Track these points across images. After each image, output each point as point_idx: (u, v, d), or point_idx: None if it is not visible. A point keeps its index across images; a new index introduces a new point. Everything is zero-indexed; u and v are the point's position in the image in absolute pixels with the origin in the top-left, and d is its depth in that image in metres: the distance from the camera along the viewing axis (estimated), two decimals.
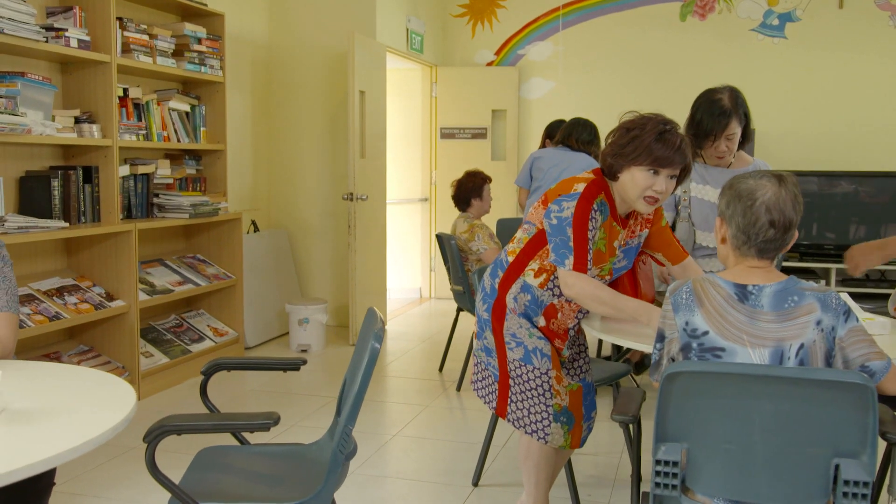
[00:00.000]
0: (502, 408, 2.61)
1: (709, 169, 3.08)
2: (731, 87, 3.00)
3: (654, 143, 2.35)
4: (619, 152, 2.41)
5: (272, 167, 6.33)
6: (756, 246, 1.86)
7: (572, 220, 2.40)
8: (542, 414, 2.54)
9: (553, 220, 2.44)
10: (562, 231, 2.41)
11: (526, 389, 2.55)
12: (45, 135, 3.84)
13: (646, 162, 2.36)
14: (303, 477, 2.21)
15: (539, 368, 2.53)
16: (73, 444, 1.47)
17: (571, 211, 2.41)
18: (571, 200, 2.43)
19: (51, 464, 1.40)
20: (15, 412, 1.64)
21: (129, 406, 1.71)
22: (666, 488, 1.79)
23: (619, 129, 2.46)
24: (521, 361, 2.54)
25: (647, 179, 2.37)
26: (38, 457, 1.40)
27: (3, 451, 1.46)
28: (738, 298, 1.83)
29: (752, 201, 1.85)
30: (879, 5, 6.61)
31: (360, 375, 1.93)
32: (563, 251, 2.40)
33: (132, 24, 4.41)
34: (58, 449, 1.44)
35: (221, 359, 2.38)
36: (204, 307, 5.31)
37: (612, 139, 2.47)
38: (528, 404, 2.56)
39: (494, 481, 3.34)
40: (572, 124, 4.68)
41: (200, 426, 1.87)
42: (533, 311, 2.54)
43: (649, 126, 2.39)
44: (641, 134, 2.38)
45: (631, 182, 2.40)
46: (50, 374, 2.01)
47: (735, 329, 1.81)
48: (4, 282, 2.20)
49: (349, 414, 1.94)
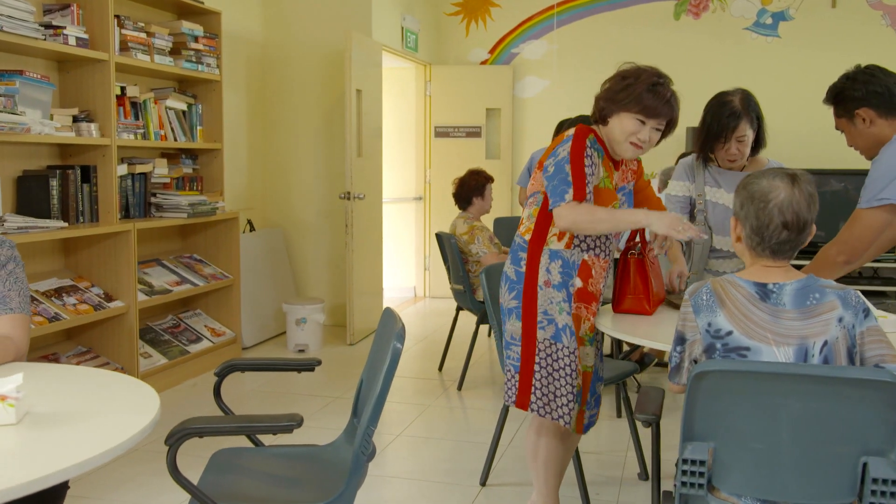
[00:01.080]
0: (524, 398, 2.59)
1: (722, 172, 3.06)
2: (744, 90, 2.98)
3: (646, 93, 2.46)
4: (611, 97, 2.52)
5: (267, 166, 6.30)
6: (770, 247, 1.86)
7: (569, 157, 2.48)
8: (568, 395, 2.56)
9: (550, 168, 2.51)
10: (560, 170, 2.48)
11: (554, 370, 2.55)
12: (43, 134, 3.80)
13: (634, 109, 2.47)
14: (321, 478, 2.19)
15: (568, 347, 2.54)
16: (103, 447, 1.44)
17: (568, 151, 2.49)
18: (565, 144, 2.52)
19: (82, 468, 1.38)
20: (39, 416, 1.61)
21: (154, 409, 1.69)
22: (692, 487, 1.79)
23: (615, 77, 2.57)
24: (551, 340, 2.55)
25: (634, 126, 2.48)
26: (67, 462, 1.38)
27: (32, 458, 1.44)
28: (760, 297, 1.83)
29: (764, 203, 1.85)
30: (872, 4, 6.66)
31: (383, 376, 1.91)
32: (563, 187, 2.46)
33: (130, 22, 4.37)
34: (87, 454, 1.42)
35: (235, 360, 2.36)
36: (201, 307, 5.27)
37: (608, 85, 2.57)
38: (554, 386, 2.56)
39: (502, 480, 3.33)
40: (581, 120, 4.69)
41: (224, 428, 1.85)
42: (568, 276, 2.54)
43: (643, 77, 2.50)
44: (635, 83, 2.49)
45: (619, 126, 2.50)
46: (68, 377, 1.98)
47: (759, 328, 1.81)
48: (17, 283, 2.17)
49: (371, 415, 1.92)
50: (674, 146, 6.56)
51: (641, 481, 3.34)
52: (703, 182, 3.08)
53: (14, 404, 1.55)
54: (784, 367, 1.69)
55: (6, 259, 2.17)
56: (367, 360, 2.31)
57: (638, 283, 2.65)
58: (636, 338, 2.45)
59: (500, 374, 5.01)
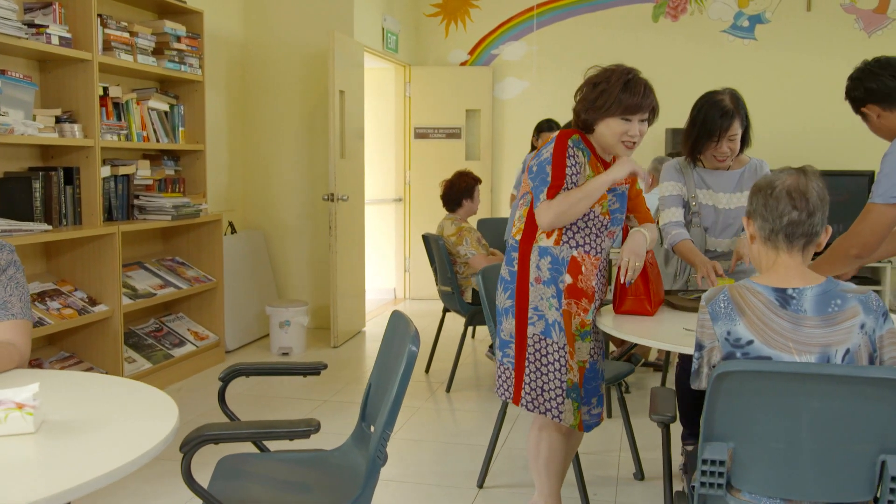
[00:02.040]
0: (517, 393, 2.61)
1: (710, 172, 3.09)
2: (731, 90, 3.03)
3: (622, 94, 2.49)
4: (590, 107, 2.54)
5: (247, 167, 6.23)
6: (783, 231, 1.85)
7: (551, 158, 2.52)
8: (557, 390, 2.57)
9: (535, 167, 2.56)
10: (542, 170, 2.53)
11: (542, 365, 2.57)
12: (26, 135, 3.72)
13: (617, 112, 2.50)
14: (333, 484, 2.17)
15: (557, 343, 2.55)
16: (130, 455, 1.41)
17: (549, 152, 2.54)
18: (548, 146, 2.57)
19: (112, 477, 1.35)
20: (56, 425, 1.57)
21: (172, 415, 1.65)
22: (711, 487, 1.80)
23: (586, 85, 2.59)
24: (541, 335, 2.56)
25: (622, 126, 2.51)
26: (97, 471, 1.35)
27: (58, 467, 1.40)
28: (780, 304, 1.82)
29: (772, 189, 1.87)
30: (845, 8, 6.76)
31: (398, 380, 1.90)
32: (542, 187, 2.50)
33: (113, 22, 4.30)
34: (115, 462, 1.38)
35: (240, 364, 2.33)
36: (183, 310, 5.20)
37: (582, 95, 2.59)
38: (542, 381, 2.58)
39: (499, 482, 3.33)
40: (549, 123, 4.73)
41: (240, 434, 1.82)
42: (558, 272, 2.55)
43: (614, 78, 2.53)
44: (608, 87, 2.51)
45: (608, 131, 2.53)
46: (78, 384, 1.93)
47: (780, 336, 1.79)
48: (18, 288, 2.12)
49: (387, 419, 1.90)
50: (652, 147, 6.62)
51: (637, 481, 3.35)
52: (693, 184, 3.10)
53: (33, 413, 1.51)
54: (805, 367, 1.71)
55: (6, 263, 2.12)
56: (376, 364, 2.29)
57: (639, 284, 2.67)
58: (639, 338, 2.46)
59: (486, 376, 5.01)
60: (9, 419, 1.49)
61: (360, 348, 5.77)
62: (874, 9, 6.70)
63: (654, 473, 3.42)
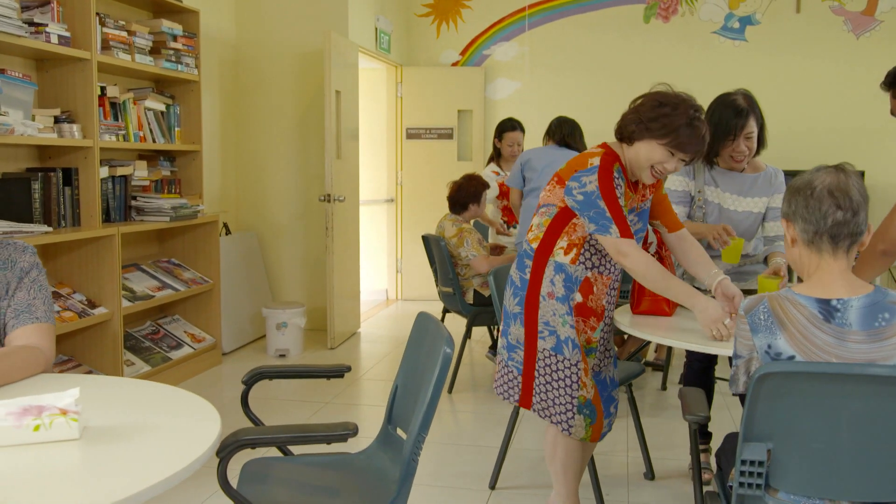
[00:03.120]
0: (527, 398, 2.60)
1: (722, 173, 3.10)
2: (744, 90, 3.04)
3: (684, 128, 2.41)
4: (645, 125, 2.45)
5: (240, 168, 6.18)
6: (827, 233, 1.78)
7: (600, 193, 2.43)
8: (567, 405, 2.56)
9: (578, 196, 2.48)
10: (593, 205, 2.44)
11: (552, 380, 2.55)
12: (26, 135, 3.67)
13: (667, 141, 2.42)
14: (359, 487, 2.15)
15: (569, 359, 2.53)
16: (182, 462, 1.38)
17: (595, 184, 2.45)
18: (591, 174, 2.47)
19: (169, 484, 1.32)
20: (98, 431, 1.53)
21: (214, 419, 1.62)
22: (750, 487, 1.80)
23: (650, 100, 2.49)
24: (551, 351, 2.54)
25: (662, 156, 2.44)
26: (152, 479, 1.32)
27: (111, 475, 1.37)
28: (824, 318, 1.75)
29: (811, 190, 1.79)
30: (834, 10, 6.83)
31: (433, 383, 1.88)
32: (604, 222, 2.43)
33: (111, 21, 4.25)
34: (169, 469, 1.36)
35: (263, 367, 2.30)
36: (179, 312, 5.15)
37: (640, 107, 2.50)
38: (552, 395, 2.56)
39: (511, 484, 3.32)
40: (570, 124, 4.68)
41: (277, 438, 1.80)
42: (569, 289, 2.53)
43: (682, 108, 2.43)
44: (673, 114, 2.42)
45: (647, 153, 2.46)
46: (109, 389, 1.90)
47: (822, 352, 1.74)
48: (41, 291, 2.08)
49: (422, 422, 1.89)
50: None
51: (647, 480, 3.36)
52: (702, 180, 3.11)
53: (77, 419, 1.48)
54: (848, 367, 1.71)
55: (29, 266, 2.08)
56: (402, 366, 2.27)
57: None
58: (663, 337, 2.47)
59: (485, 377, 5.00)
60: (54, 425, 1.46)
61: (356, 350, 5.75)
62: (862, 11, 6.77)
63: (664, 473, 3.43)
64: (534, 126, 7.41)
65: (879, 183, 6.53)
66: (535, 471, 3.47)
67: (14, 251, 2.09)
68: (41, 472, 1.37)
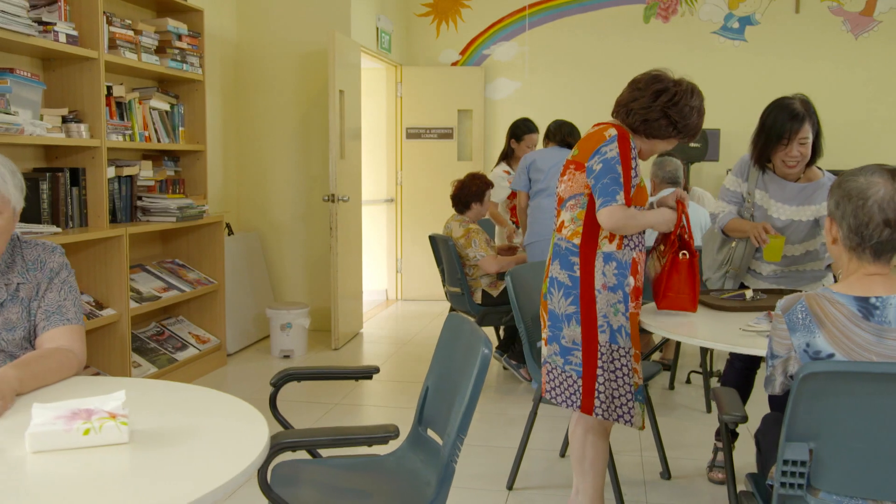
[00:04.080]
0: (588, 403, 2.59)
1: (773, 178, 3.08)
2: (802, 95, 3.02)
3: (699, 119, 2.61)
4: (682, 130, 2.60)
5: (241, 168, 6.15)
6: (871, 247, 1.79)
7: (619, 158, 2.50)
8: (628, 395, 2.58)
9: (597, 166, 2.52)
10: (612, 169, 2.49)
11: (613, 370, 2.57)
12: (35, 135, 3.63)
13: (686, 135, 2.62)
14: (392, 489, 2.14)
15: (624, 347, 2.56)
16: (238, 467, 1.36)
17: (616, 151, 2.51)
18: (611, 143, 2.53)
19: (227, 489, 1.30)
20: (145, 435, 1.51)
21: (260, 423, 1.60)
22: (792, 487, 1.80)
23: (662, 93, 2.60)
24: (609, 342, 2.56)
25: (673, 144, 2.67)
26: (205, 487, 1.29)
27: (167, 480, 1.35)
28: (863, 315, 1.75)
29: (863, 200, 1.78)
30: (832, 11, 6.87)
31: (472, 384, 1.87)
32: (614, 188, 2.48)
33: (117, 20, 4.21)
34: (226, 474, 1.33)
35: (291, 369, 2.29)
36: (183, 313, 5.11)
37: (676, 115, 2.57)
38: (613, 387, 2.57)
39: (528, 484, 3.32)
40: (569, 125, 4.71)
41: (318, 442, 1.78)
42: (623, 276, 2.55)
43: (696, 100, 2.61)
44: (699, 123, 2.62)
45: (664, 146, 2.67)
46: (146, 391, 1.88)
47: (863, 350, 1.75)
48: (71, 292, 2.06)
49: (461, 424, 1.87)
50: None
51: (664, 480, 3.36)
52: (754, 183, 3.10)
53: (127, 422, 1.46)
54: (891, 367, 1.70)
55: (59, 267, 2.06)
56: (433, 368, 2.25)
57: (684, 279, 2.68)
58: (694, 338, 2.48)
59: (491, 377, 4.99)
60: (104, 429, 1.44)
61: (360, 350, 5.73)
62: (861, 11, 6.81)
63: (679, 472, 3.43)
64: None
65: None
66: (550, 471, 3.47)
67: (43, 251, 2.07)
68: (94, 477, 1.35)
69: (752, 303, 2.86)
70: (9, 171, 1.96)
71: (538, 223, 4.42)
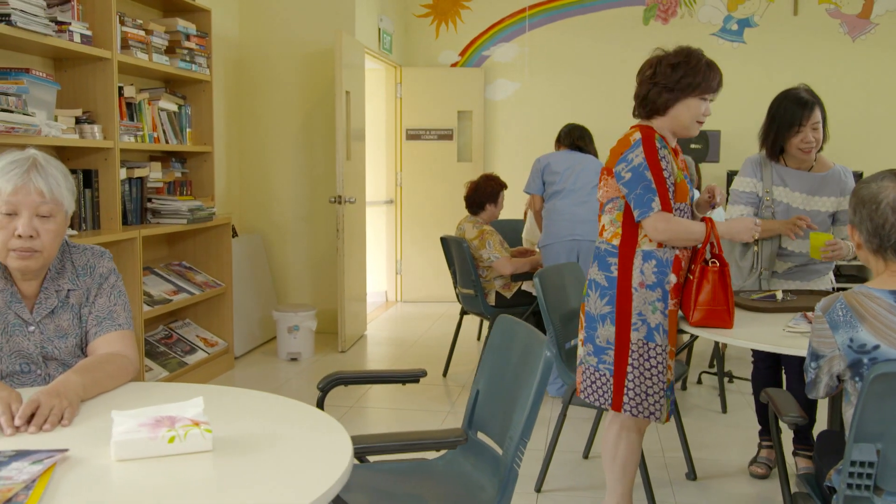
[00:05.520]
0: (618, 401, 2.59)
1: (788, 171, 3.12)
2: (805, 85, 3.10)
3: (708, 72, 2.56)
4: (674, 86, 2.56)
5: (244, 170, 6.10)
6: (891, 247, 1.90)
7: (647, 163, 2.50)
8: (659, 393, 2.58)
9: (626, 174, 2.53)
10: (641, 177, 2.50)
11: (646, 369, 2.56)
12: (50, 136, 3.57)
13: (701, 91, 2.54)
14: (445, 493, 2.12)
15: (660, 345, 2.56)
16: (331, 478, 1.34)
17: (642, 156, 2.51)
18: (636, 149, 2.53)
19: (326, 499, 1.28)
20: (225, 442, 1.48)
21: (340, 433, 1.57)
22: (858, 489, 1.80)
23: (665, 66, 2.58)
24: (644, 340, 2.55)
25: (700, 106, 2.57)
26: (311, 494, 1.28)
27: (267, 490, 1.32)
28: None
29: (876, 204, 1.89)
30: (830, 13, 6.93)
31: (535, 388, 1.86)
32: (648, 196, 2.49)
33: (129, 19, 4.16)
34: (324, 483, 1.31)
35: (339, 373, 2.26)
36: (190, 316, 5.06)
37: (657, 77, 2.58)
38: (646, 385, 2.57)
39: (556, 486, 3.31)
40: (580, 129, 4.68)
41: (390, 447, 1.76)
42: (663, 273, 2.55)
43: (693, 58, 2.58)
44: (693, 67, 2.56)
45: (687, 112, 2.57)
46: (212, 398, 1.85)
47: None
48: (121, 297, 2.02)
49: (524, 429, 1.86)
50: None
51: (690, 481, 3.37)
52: (770, 180, 3.12)
53: (211, 430, 1.44)
54: None
55: (107, 272, 2.02)
56: (482, 371, 2.24)
57: (718, 292, 2.54)
58: (739, 339, 2.48)
59: None
60: (188, 436, 1.41)
61: (366, 352, 5.69)
62: (858, 14, 6.88)
63: (703, 473, 3.44)
64: (533, 127, 7.45)
65: None
66: (575, 472, 3.46)
67: (92, 256, 2.03)
68: (181, 486, 1.33)
69: (784, 303, 2.87)
70: (61, 174, 1.93)
71: (554, 225, 4.42)
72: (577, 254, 4.33)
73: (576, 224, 4.35)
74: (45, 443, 1.47)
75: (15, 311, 1.90)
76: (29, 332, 1.91)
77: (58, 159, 2.04)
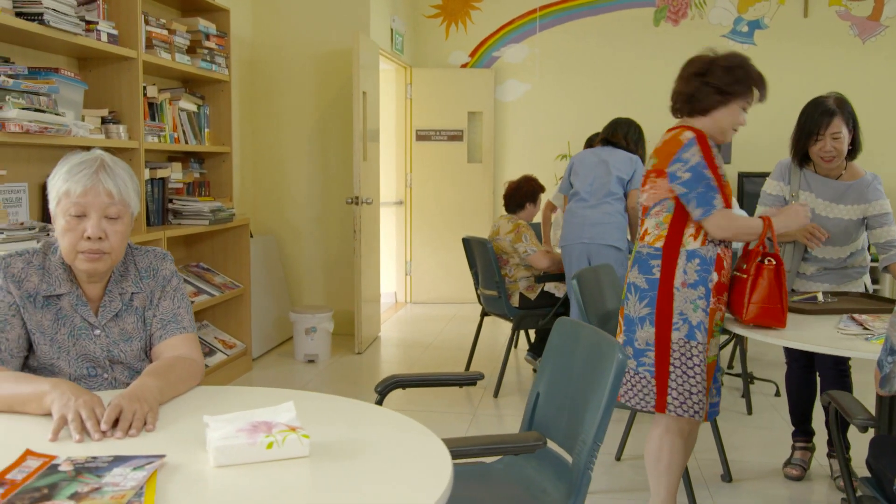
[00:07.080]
0: (661, 401, 2.60)
1: (816, 177, 3.13)
2: (837, 93, 3.08)
3: (759, 82, 2.61)
4: (725, 89, 2.56)
5: (258, 171, 6.07)
6: None
7: (705, 162, 2.51)
8: (702, 392, 2.58)
9: (685, 175, 2.52)
10: (702, 176, 2.51)
11: (688, 368, 2.57)
12: (79, 136, 3.54)
13: (748, 98, 2.59)
14: (507, 497, 2.10)
15: (702, 343, 2.56)
16: (440, 486, 1.32)
17: (699, 155, 2.51)
18: (691, 147, 2.53)
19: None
20: (320, 449, 1.45)
21: (439, 444, 1.52)
22: None
23: (716, 67, 2.59)
24: (685, 339, 2.56)
25: (740, 115, 2.61)
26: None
27: (342, 498, 1.30)
28: None
29: None
30: (840, 15, 6.96)
31: (608, 389, 1.84)
32: (711, 194, 2.50)
33: (153, 19, 4.13)
34: (433, 492, 1.29)
35: (398, 376, 2.24)
36: (208, 318, 5.03)
37: (710, 77, 2.57)
38: (689, 384, 2.57)
39: (592, 489, 3.27)
40: (614, 123, 4.52)
41: (471, 451, 1.74)
42: (706, 271, 2.55)
43: (748, 66, 2.63)
44: (747, 74, 2.60)
45: (729, 117, 2.59)
46: (303, 403, 1.82)
47: None
48: (184, 299, 2.00)
49: (598, 430, 1.85)
50: None
51: (725, 483, 3.36)
52: (797, 185, 3.13)
53: (308, 435, 1.42)
54: None
55: (170, 274, 2.00)
56: (544, 374, 2.22)
57: (774, 290, 2.54)
58: (790, 341, 2.47)
59: (529, 380, 4.97)
60: (286, 442, 1.39)
61: (380, 354, 5.67)
62: (868, 16, 6.91)
63: (738, 475, 3.43)
64: (543, 128, 7.44)
65: (886, 187, 6.64)
66: (610, 475, 3.45)
67: (154, 259, 2.01)
68: (280, 492, 1.30)
69: (826, 305, 2.87)
70: (128, 174, 1.91)
71: (568, 226, 4.39)
72: (587, 257, 4.28)
73: (585, 227, 4.29)
74: (138, 448, 1.44)
75: (81, 314, 1.88)
76: (95, 336, 1.88)
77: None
